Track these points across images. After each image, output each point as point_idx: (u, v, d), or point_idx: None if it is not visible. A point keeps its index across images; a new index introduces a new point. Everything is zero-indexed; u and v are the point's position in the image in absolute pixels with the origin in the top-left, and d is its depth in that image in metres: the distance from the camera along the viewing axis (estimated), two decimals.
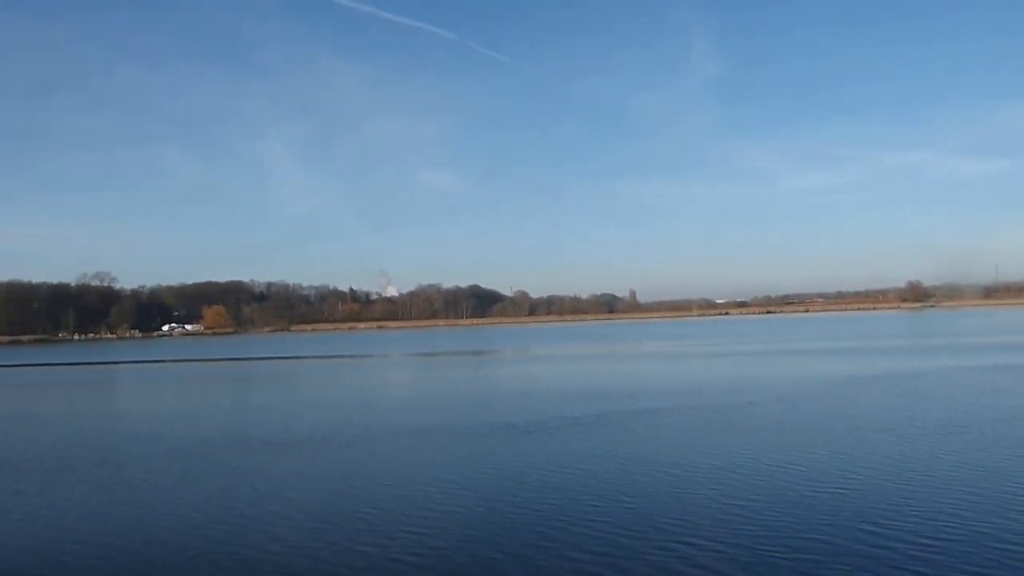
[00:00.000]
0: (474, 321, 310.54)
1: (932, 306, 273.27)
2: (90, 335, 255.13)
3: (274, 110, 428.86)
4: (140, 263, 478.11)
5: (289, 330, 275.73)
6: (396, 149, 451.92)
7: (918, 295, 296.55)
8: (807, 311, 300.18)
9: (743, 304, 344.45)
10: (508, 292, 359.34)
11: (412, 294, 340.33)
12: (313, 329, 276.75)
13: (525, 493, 18.45)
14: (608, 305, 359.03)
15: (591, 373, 57.42)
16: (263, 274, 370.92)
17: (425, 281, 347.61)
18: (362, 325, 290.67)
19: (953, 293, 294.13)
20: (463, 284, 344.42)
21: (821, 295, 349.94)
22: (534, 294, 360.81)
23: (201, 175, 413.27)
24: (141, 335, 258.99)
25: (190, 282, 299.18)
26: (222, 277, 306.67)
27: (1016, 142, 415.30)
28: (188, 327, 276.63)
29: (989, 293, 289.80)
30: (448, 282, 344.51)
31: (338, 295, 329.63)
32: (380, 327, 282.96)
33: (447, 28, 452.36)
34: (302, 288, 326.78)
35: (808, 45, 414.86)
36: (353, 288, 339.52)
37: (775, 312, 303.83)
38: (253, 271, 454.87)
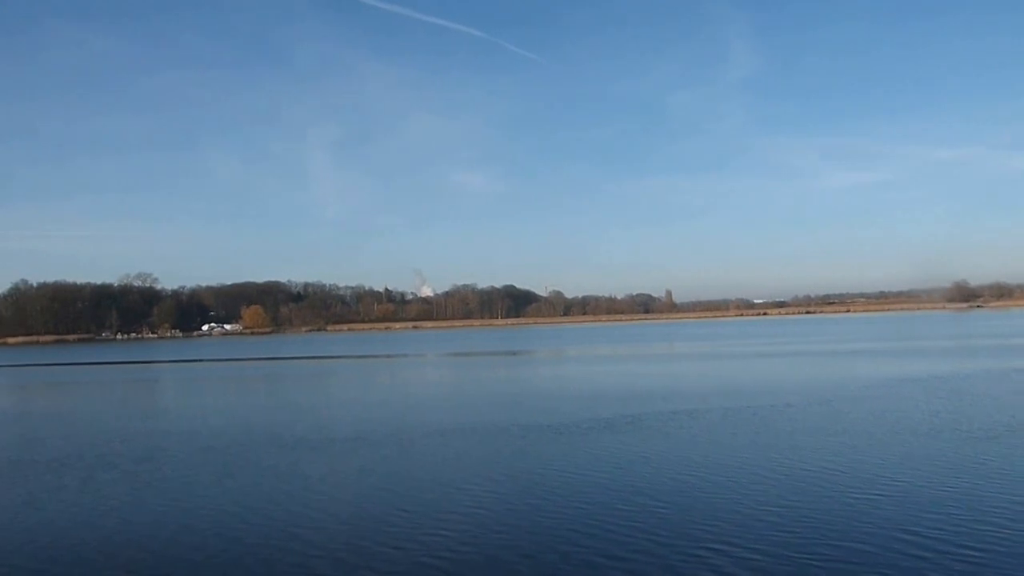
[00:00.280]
0: (509, 321, 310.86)
1: (979, 306, 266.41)
2: (132, 334, 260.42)
3: (311, 112, 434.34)
4: (181, 264, 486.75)
5: (325, 330, 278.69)
6: (431, 149, 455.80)
7: (965, 295, 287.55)
8: (848, 311, 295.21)
9: (782, 304, 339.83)
10: (543, 292, 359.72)
11: (447, 294, 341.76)
12: (349, 329, 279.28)
13: (555, 495, 18.34)
14: (644, 305, 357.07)
15: (625, 374, 57.05)
16: (300, 274, 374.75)
17: (460, 281, 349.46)
18: (397, 325, 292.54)
19: (1002, 293, 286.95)
20: (498, 284, 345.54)
21: (863, 295, 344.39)
22: (569, 294, 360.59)
23: (240, 177, 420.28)
24: (181, 335, 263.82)
25: (229, 282, 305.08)
26: (260, 277, 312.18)
27: None
28: (227, 327, 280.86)
29: None
30: (483, 282, 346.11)
31: (374, 295, 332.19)
32: (415, 327, 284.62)
33: (480, 28, 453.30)
34: (338, 288, 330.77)
35: (848, 40, 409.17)
36: (389, 288, 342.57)
37: (815, 312, 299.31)
38: (290, 271, 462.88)
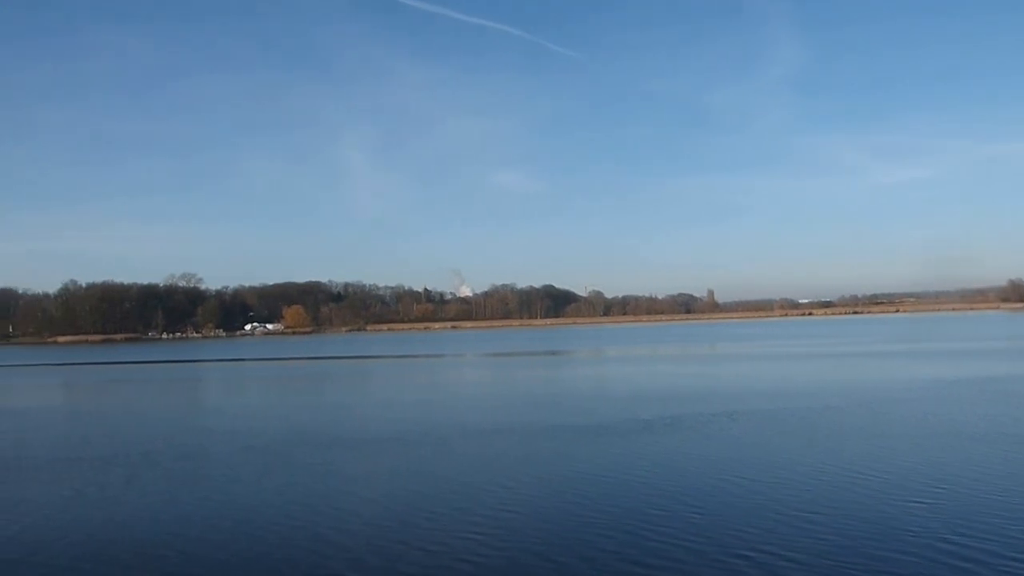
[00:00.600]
0: (548, 321, 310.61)
1: None
2: (177, 334, 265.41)
3: (350, 113, 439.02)
4: (224, 264, 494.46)
5: (365, 330, 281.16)
6: (469, 149, 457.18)
7: (1021, 294, 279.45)
8: (897, 311, 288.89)
9: (828, 304, 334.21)
10: (583, 292, 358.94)
11: (486, 294, 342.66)
12: (388, 329, 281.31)
13: (591, 498, 18.20)
14: (685, 305, 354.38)
15: (665, 375, 56.59)
16: (340, 275, 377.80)
17: (499, 281, 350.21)
18: (437, 325, 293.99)
19: None
20: (537, 284, 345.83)
21: (912, 295, 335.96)
22: (609, 294, 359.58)
23: (281, 178, 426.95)
24: (225, 334, 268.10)
25: (271, 283, 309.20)
26: (301, 278, 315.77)
27: None
28: (269, 326, 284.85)
29: None
30: (522, 282, 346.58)
31: (413, 295, 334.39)
32: (454, 327, 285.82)
33: (518, 27, 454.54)
34: (378, 288, 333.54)
35: (893, 34, 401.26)
36: (428, 288, 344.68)
37: (862, 313, 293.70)
38: (331, 272, 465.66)
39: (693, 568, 13.01)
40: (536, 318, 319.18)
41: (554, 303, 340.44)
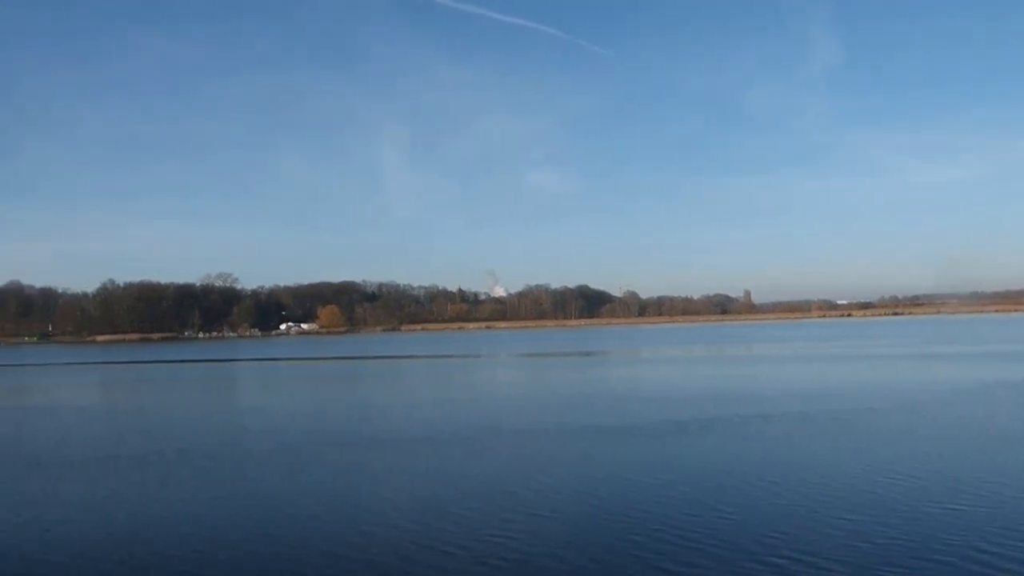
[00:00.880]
0: (583, 322, 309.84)
1: None
2: (213, 333, 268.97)
3: (385, 113, 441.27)
4: (259, 264, 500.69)
5: (399, 330, 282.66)
6: (504, 149, 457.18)
7: None
8: (938, 313, 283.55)
9: (867, 305, 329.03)
10: (617, 293, 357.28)
11: (520, 294, 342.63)
12: (423, 329, 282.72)
13: (623, 499, 17.98)
14: (721, 306, 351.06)
15: (701, 376, 56.03)
16: (375, 275, 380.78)
17: (533, 281, 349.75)
18: (470, 325, 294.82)
19: None
20: (571, 284, 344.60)
21: (954, 296, 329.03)
22: (644, 295, 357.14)
23: (316, 178, 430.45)
24: (260, 334, 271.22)
25: (306, 283, 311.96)
26: (336, 278, 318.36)
27: None
28: (304, 326, 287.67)
29: None
30: (556, 282, 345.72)
31: (447, 295, 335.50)
32: (488, 327, 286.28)
33: (553, 25, 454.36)
34: (412, 288, 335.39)
35: (934, 32, 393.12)
36: (462, 288, 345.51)
37: (903, 314, 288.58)
38: (365, 272, 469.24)
39: (727, 572, 12.72)
40: (570, 319, 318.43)
41: (588, 304, 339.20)
